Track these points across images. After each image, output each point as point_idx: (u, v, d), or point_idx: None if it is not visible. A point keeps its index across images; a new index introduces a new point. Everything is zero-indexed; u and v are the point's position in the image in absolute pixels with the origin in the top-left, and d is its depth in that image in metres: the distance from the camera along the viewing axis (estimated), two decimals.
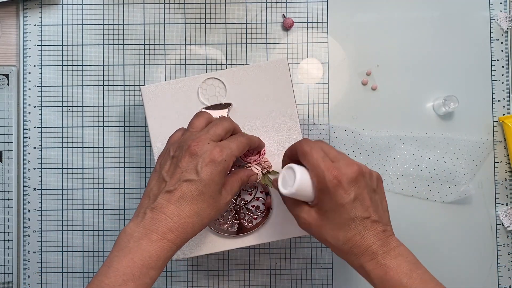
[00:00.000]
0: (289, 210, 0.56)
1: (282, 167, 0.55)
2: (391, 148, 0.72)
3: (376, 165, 0.72)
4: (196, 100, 0.63)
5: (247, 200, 0.63)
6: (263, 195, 0.63)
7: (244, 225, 0.62)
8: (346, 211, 0.51)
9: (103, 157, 0.72)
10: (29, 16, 0.73)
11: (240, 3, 0.74)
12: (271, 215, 0.62)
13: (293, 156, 0.55)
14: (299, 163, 0.54)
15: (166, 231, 0.49)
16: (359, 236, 0.51)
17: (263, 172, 0.62)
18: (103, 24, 0.73)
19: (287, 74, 0.63)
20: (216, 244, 0.62)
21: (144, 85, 0.72)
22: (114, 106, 0.73)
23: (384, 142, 0.72)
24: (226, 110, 0.63)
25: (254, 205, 0.63)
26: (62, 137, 0.73)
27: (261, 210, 0.62)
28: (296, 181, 0.51)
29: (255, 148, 0.60)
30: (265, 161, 0.62)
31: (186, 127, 0.57)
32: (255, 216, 0.62)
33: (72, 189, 0.72)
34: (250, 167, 0.61)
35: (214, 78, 0.63)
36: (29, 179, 0.72)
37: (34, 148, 0.72)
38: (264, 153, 0.62)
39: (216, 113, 0.63)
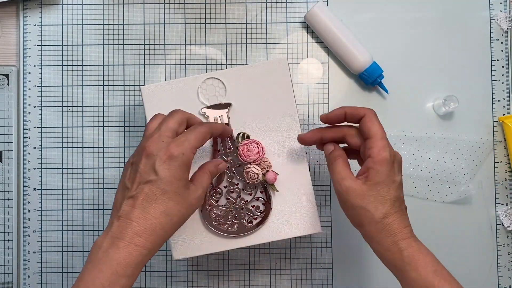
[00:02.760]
0: (334, 173, 0.55)
1: (330, 117, 0.57)
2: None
3: None
4: (196, 100, 0.63)
5: (247, 200, 0.63)
6: (263, 195, 0.63)
7: (244, 225, 0.62)
8: (396, 188, 0.53)
9: (103, 157, 0.72)
10: (29, 16, 0.73)
11: (240, 3, 0.74)
12: (271, 215, 0.62)
13: (353, 117, 0.56)
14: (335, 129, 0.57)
15: (133, 235, 0.49)
16: (399, 215, 0.53)
17: (263, 172, 0.62)
18: (103, 24, 0.73)
19: (287, 74, 0.63)
20: (216, 244, 0.62)
21: (144, 85, 0.72)
22: (114, 106, 0.73)
23: None
24: (226, 110, 0.63)
25: (254, 205, 0.63)
26: (62, 137, 0.73)
27: (261, 210, 0.62)
28: None
29: (220, 135, 0.58)
30: (264, 161, 0.62)
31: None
32: (255, 216, 0.62)
33: (72, 189, 0.72)
34: (250, 167, 0.61)
35: (214, 78, 0.63)
36: (29, 179, 0.72)
37: (34, 148, 0.72)
38: (264, 153, 0.62)
39: (216, 113, 0.63)
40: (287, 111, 0.63)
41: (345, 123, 0.58)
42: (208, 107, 0.63)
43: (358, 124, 0.56)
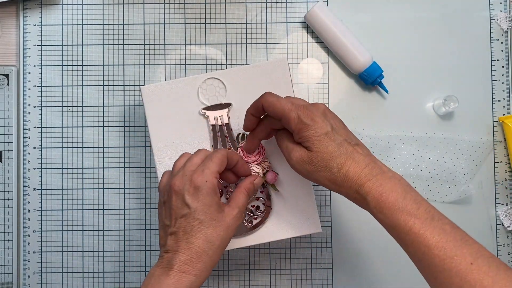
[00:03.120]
0: (281, 148, 0.57)
1: (247, 125, 0.58)
2: (391, 148, 0.72)
3: None
4: (196, 100, 0.63)
5: None
6: (263, 195, 0.63)
7: (244, 225, 0.62)
8: (330, 138, 0.53)
9: (103, 157, 0.72)
10: (29, 16, 0.73)
11: (240, 3, 0.74)
12: (271, 215, 0.62)
13: (258, 112, 0.57)
14: (261, 128, 0.58)
15: (181, 264, 0.53)
16: (350, 160, 0.52)
17: (264, 172, 0.62)
18: (103, 24, 0.73)
19: (287, 74, 0.63)
20: None
21: (144, 85, 0.72)
22: (114, 106, 0.73)
23: (384, 142, 0.72)
24: (226, 110, 0.63)
25: (254, 205, 0.63)
26: (62, 137, 0.73)
27: (261, 210, 0.62)
28: None
29: (236, 166, 0.59)
30: (264, 161, 0.62)
31: (181, 153, 0.59)
32: (255, 216, 0.62)
33: (72, 189, 0.72)
34: (250, 167, 0.61)
35: (214, 78, 0.63)
36: (29, 179, 0.72)
37: (34, 148, 0.72)
38: (264, 153, 0.62)
39: (216, 113, 0.63)
40: None
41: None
42: (208, 107, 0.63)
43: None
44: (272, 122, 0.57)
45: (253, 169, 0.61)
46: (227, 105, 0.63)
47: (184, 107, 0.63)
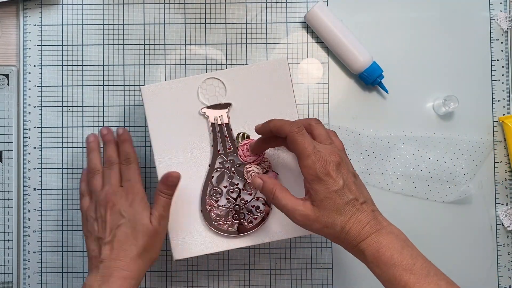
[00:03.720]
0: (283, 208, 0.55)
1: (254, 149, 0.61)
2: (391, 148, 0.72)
3: (376, 165, 0.72)
4: (196, 100, 0.63)
5: (247, 200, 0.63)
6: (263, 195, 0.63)
7: (244, 225, 0.62)
8: (340, 196, 0.53)
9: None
10: (29, 16, 0.73)
11: (240, 3, 0.74)
12: (271, 215, 0.62)
13: (278, 133, 0.55)
14: (274, 138, 0.58)
15: (120, 270, 0.57)
16: (354, 219, 0.53)
17: (264, 172, 0.62)
18: (103, 24, 0.73)
19: (287, 74, 0.63)
20: (216, 244, 0.62)
21: (144, 85, 0.72)
22: (114, 106, 0.73)
23: (384, 142, 0.72)
24: (226, 110, 0.63)
25: (254, 205, 0.63)
26: (62, 137, 0.73)
27: (261, 210, 0.62)
28: None
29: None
30: (264, 161, 0.62)
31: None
32: (255, 216, 0.62)
33: (72, 189, 0.72)
34: (250, 167, 0.61)
35: (214, 78, 0.63)
36: (29, 179, 0.72)
37: (34, 148, 0.72)
38: (264, 153, 0.62)
39: (216, 113, 0.63)
40: (287, 111, 0.63)
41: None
42: (208, 107, 0.63)
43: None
44: (284, 144, 0.58)
45: (253, 169, 0.61)
46: (227, 105, 0.63)
47: (184, 107, 0.63)
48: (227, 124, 0.63)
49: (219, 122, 0.63)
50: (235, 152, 0.63)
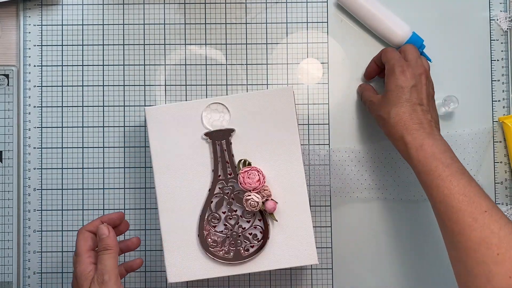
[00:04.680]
0: (363, 97, 0.69)
1: (368, 72, 0.71)
2: (394, 159, 0.71)
3: (380, 173, 0.72)
4: (200, 124, 0.63)
5: (245, 228, 0.62)
6: (261, 223, 0.62)
7: (241, 253, 0.62)
8: (404, 93, 0.61)
9: (103, 157, 0.72)
10: (29, 16, 0.73)
11: (240, 3, 0.74)
12: (268, 244, 0.62)
13: (378, 59, 0.68)
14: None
15: None
16: (407, 114, 0.60)
17: (263, 200, 0.62)
18: (103, 24, 0.73)
19: (292, 102, 0.63)
20: (211, 270, 0.62)
21: (145, 86, 0.72)
22: (114, 106, 0.73)
23: (386, 154, 0.72)
24: (229, 135, 0.63)
25: (251, 233, 0.62)
26: (62, 137, 0.73)
27: (258, 239, 0.62)
28: None
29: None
30: (264, 189, 0.62)
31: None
32: (252, 244, 0.62)
33: (72, 189, 0.72)
34: (250, 195, 0.61)
35: (219, 103, 0.63)
36: (29, 179, 0.72)
37: (34, 148, 0.72)
38: (265, 181, 0.62)
39: (218, 138, 0.63)
40: (289, 140, 0.63)
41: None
42: (211, 132, 0.63)
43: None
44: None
45: (252, 198, 0.61)
46: (230, 131, 0.63)
47: (187, 130, 0.63)
48: (229, 150, 0.63)
49: (221, 148, 0.63)
50: (236, 178, 0.62)
